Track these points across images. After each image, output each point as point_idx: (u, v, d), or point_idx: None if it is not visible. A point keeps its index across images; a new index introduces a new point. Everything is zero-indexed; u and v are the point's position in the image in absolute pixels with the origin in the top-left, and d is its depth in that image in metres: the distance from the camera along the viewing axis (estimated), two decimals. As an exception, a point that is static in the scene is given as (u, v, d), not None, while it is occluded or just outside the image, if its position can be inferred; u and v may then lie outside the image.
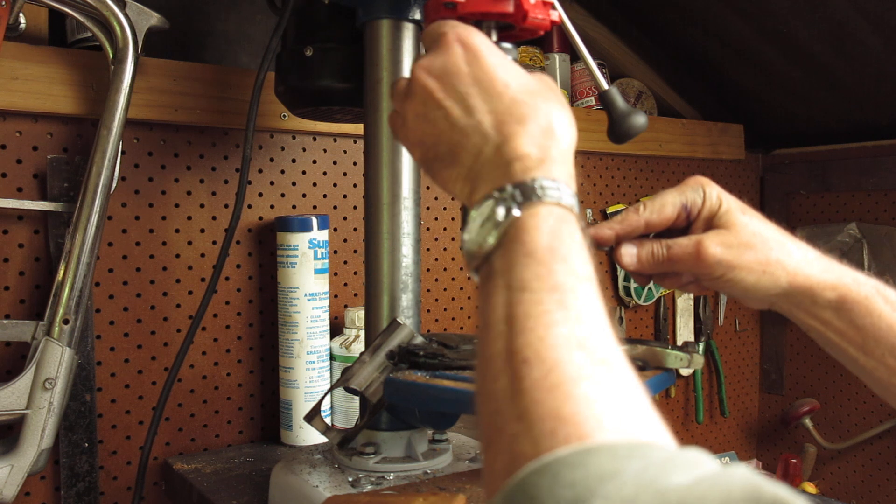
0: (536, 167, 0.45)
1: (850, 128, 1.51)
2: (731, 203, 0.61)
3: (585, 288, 0.40)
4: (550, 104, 0.49)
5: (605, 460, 0.30)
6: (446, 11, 0.58)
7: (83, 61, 0.90)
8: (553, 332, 0.37)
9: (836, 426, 1.60)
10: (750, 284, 0.60)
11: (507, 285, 0.41)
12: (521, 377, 0.36)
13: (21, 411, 0.80)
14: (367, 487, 0.72)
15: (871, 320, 0.57)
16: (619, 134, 0.64)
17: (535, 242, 0.41)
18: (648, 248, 0.62)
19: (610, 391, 0.35)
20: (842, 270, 0.60)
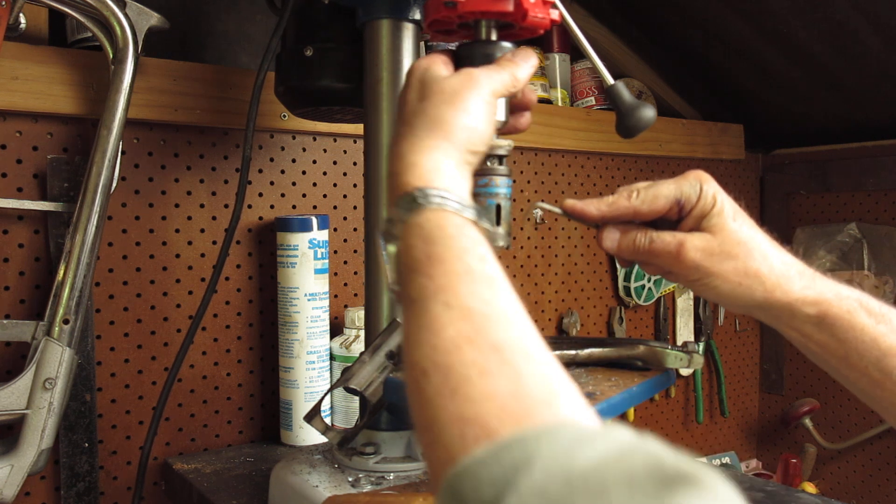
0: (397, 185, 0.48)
1: (850, 128, 1.51)
2: (724, 206, 0.60)
3: (465, 281, 0.41)
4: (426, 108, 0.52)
5: (517, 451, 0.31)
6: (446, 10, 0.58)
7: (83, 61, 0.90)
8: (441, 337, 0.38)
9: (836, 426, 1.60)
10: (724, 293, 0.59)
11: (405, 304, 0.43)
12: (423, 388, 0.37)
13: (21, 411, 0.80)
14: (367, 487, 0.72)
15: (854, 334, 0.57)
16: (628, 128, 0.63)
17: (413, 259, 0.43)
18: (632, 237, 0.61)
19: (506, 379, 0.36)
20: (824, 285, 0.59)
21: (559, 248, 1.39)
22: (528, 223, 1.35)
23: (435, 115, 0.51)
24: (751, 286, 0.58)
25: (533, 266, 1.36)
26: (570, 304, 1.41)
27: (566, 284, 1.41)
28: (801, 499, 0.84)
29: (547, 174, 1.36)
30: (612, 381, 0.69)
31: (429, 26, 0.61)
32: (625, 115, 0.63)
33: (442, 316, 0.39)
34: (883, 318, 0.57)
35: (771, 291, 0.58)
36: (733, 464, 1.66)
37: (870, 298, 0.58)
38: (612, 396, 0.65)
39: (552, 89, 1.36)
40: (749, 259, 0.58)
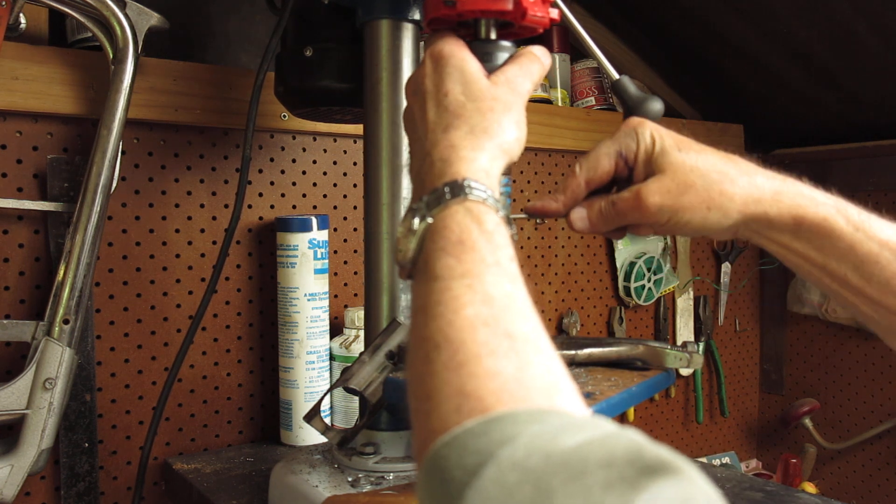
0: (447, 170, 0.49)
1: (850, 128, 1.51)
2: (665, 141, 0.59)
3: (494, 273, 0.43)
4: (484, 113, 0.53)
5: (507, 427, 0.32)
6: (446, 9, 0.58)
7: (83, 61, 0.90)
8: (460, 315, 0.40)
9: (836, 426, 1.60)
10: (698, 223, 0.58)
11: (425, 280, 0.44)
12: (432, 360, 0.39)
13: (21, 411, 0.80)
14: (367, 487, 0.72)
15: (831, 241, 0.56)
16: None
17: (445, 239, 0.45)
18: (596, 208, 0.61)
19: (512, 364, 0.37)
20: (798, 190, 0.58)
21: (559, 248, 1.39)
22: (528, 223, 1.35)
23: (493, 120, 0.52)
24: (721, 207, 0.57)
25: (533, 266, 1.36)
26: (570, 304, 1.41)
27: (566, 284, 1.41)
28: (801, 499, 0.84)
29: (547, 174, 1.36)
30: (612, 381, 0.69)
31: (428, 25, 0.61)
32: (633, 108, 0.63)
33: (463, 296, 0.41)
34: (860, 226, 0.56)
35: (743, 205, 0.57)
36: (733, 464, 1.66)
37: (848, 205, 0.57)
38: (611, 396, 0.65)
39: (552, 89, 1.36)
40: (709, 182, 0.57)
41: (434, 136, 0.52)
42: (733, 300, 1.68)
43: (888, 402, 1.53)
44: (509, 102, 0.54)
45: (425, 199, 0.48)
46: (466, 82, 0.54)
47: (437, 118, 0.53)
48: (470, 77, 0.54)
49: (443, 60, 0.55)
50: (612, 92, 0.65)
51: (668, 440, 1.58)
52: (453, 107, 0.53)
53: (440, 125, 0.53)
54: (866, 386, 1.55)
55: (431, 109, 0.54)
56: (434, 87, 0.55)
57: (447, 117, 0.53)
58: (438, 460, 0.33)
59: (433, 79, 0.55)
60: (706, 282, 1.63)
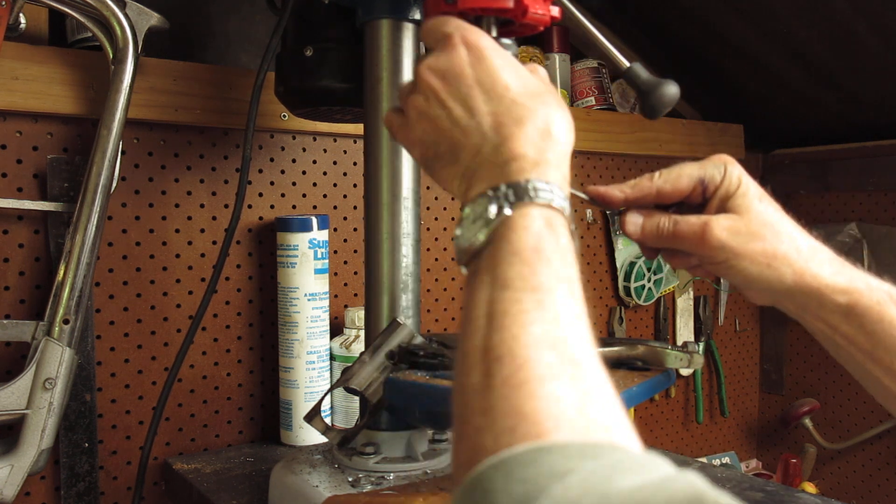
0: (531, 168, 0.46)
1: (850, 128, 1.51)
2: (749, 187, 0.58)
3: (565, 290, 0.41)
4: (549, 107, 0.50)
5: (558, 459, 0.30)
6: (446, 7, 0.58)
7: (83, 61, 0.90)
8: (527, 331, 0.38)
9: (836, 426, 1.60)
10: (753, 275, 0.57)
11: (491, 282, 0.42)
12: (492, 373, 0.37)
13: (21, 411, 0.80)
14: (367, 487, 0.72)
15: (883, 326, 0.55)
16: (652, 107, 0.61)
17: (522, 242, 0.42)
18: (655, 221, 0.60)
19: (575, 391, 0.35)
20: (854, 273, 0.57)
21: (559, 248, 1.39)
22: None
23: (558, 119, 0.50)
24: (779, 269, 0.56)
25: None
26: (570, 304, 1.41)
27: (566, 284, 1.40)
28: (801, 499, 0.84)
29: (579, 185, 1.36)
30: (612, 381, 0.69)
31: (428, 24, 0.61)
32: (647, 94, 0.61)
33: (533, 312, 0.39)
34: None
35: (800, 275, 0.56)
36: (733, 464, 1.66)
37: None
38: (612, 396, 0.64)
39: (552, 89, 1.36)
40: (777, 241, 0.57)
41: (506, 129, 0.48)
42: (733, 300, 1.68)
43: (888, 402, 1.52)
44: (559, 101, 0.52)
45: (503, 189, 0.45)
46: (521, 76, 0.51)
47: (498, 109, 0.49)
48: (522, 69, 0.52)
49: (485, 50, 0.52)
50: (625, 80, 0.64)
51: (668, 440, 1.58)
52: (522, 99, 0.50)
53: (510, 117, 0.49)
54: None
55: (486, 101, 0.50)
56: (486, 77, 0.51)
57: (517, 110, 0.49)
58: (484, 482, 0.31)
59: (480, 69, 0.51)
60: (706, 282, 1.63)
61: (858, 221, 1.53)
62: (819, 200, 1.60)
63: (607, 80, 1.43)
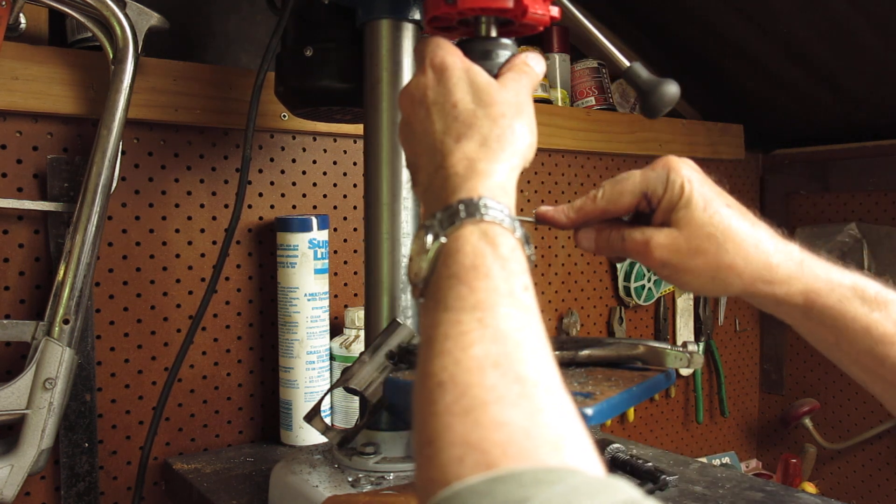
0: (462, 186, 0.47)
1: (850, 128, 1.51)
2: (692, 195, 0.56)
3: (507, 305, 0.40)
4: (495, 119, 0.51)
5: (513, 488, 0.30)
6: (446, 7, 0.58)
7: (83, 61, 0.90)
8: (468, 354, 0.37)
9: (836, 426, 1.60)
10: (697, 287, 0.57)
11: (434, 307, 0.42)
12: (435, 401, 0.36)
13: (21, 411, 0.80)
14: (367, 487, 0.72)
15: (844, 323, 0.54)
16: (652, 105, 0.61)
17: (458, 264, 0.43)
18: (605, 236, 0.60)
19: (522, 412, 0.35)
20: (812, 275, 0.55)
21: (559, 248, 1.39)
22: (528, 223, 1.34)
23: (506, 126, 0.50)
24: (725, 280, 0.55)
25: (533, 266, 1.35)
26: (570, 304, 1.41)
27: (566, 284, 1.41)
28: (801, 499, 0.84)
29: (547, 174, 1.36)
30: (612, 381, 0.69)
31: (428, 23, 0.61)
32: (647, 94, 0.61)
33: (474, 331, 0.39)
34: (879, 305, 0.54)
35: (750, 283, 0.55)
36: (733, 464, 1.66)
37: (867, 282, 0.55)
38: (611, 396, 0.64)
39: (552, 89, 1.36)
40: (721, 253, 0.55)
41: (446, 147, 0.50)
42: (733, 300, 1.68)
43: (888, 402, 1.52)
44: (520, 105, 0.52)
45: (438, 215, 0.46)
46: (476, 90, 0.52)
47: (445, 128, 0.51)
48: (478, 84, 0.53)
49: (447, 71, 0.53)
50: (625, 80, 0.63)
51: (668, 440, 1.58)
52: (464, 116, 0.51)
53: (451, 135, 0.50)
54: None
55: (438, 121, 0.52)
56: (440, 97, 0.52)
57: (458, 127, 0.51)
58: None
59: (437, 90, 0.53)
60: (706, 282, 1.63)
61: (858, 221, 1.53)
62: (819, 200, 1.60)
63: (607, 80, 1.43)
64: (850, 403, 1.58)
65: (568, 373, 0.71)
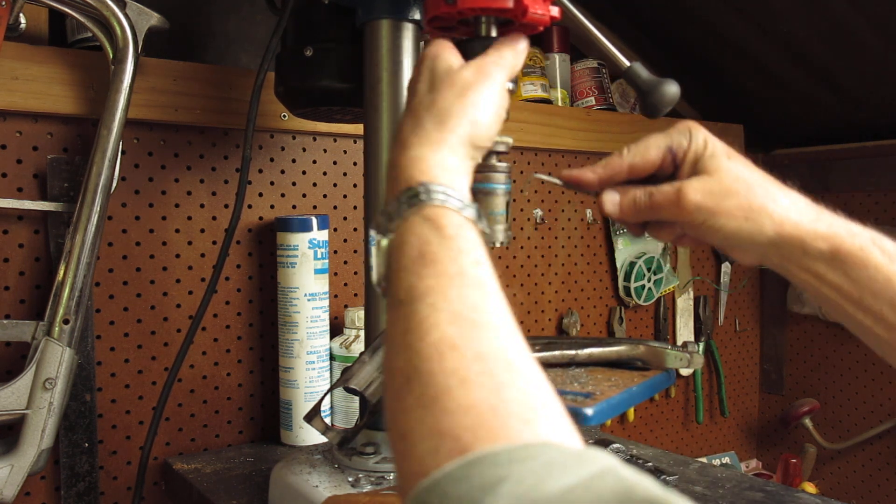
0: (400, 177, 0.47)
1: (850, 128, 1.51)
2: (716, 147, 0.58)
3: (459, 284, 0.40)
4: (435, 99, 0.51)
5: (488, 469, 0.30)
6: (446, 7, 0.58)
7: (83, 61, 0.90)
8: (426, 342, 0.38)
9: (836, 426, 1.60)
10: (732, 231, 0.56)
11: (391, 304, 0.42)
12: (403, 396, 0.36)
13: (21, 411, 0.80)
14: (367, 487, 0.72)
15: (868, 273, 0.53)
16: (652, 106, 0.61)
17: (406, 256, 0.42)
18: (631, 196, 0.60)
19: (486, 391, 0.35)
20: (834, 219, 0.56)
21: (559, 248, 1.39)
22: (528, 223, 1.35)
23: (444, 107, 0.50)
24: (758, 220, 0.55)
25: (533, 266, 1.36)
26: (570, 304, 1.41)
27: (566, 284, 1.41)
28: (801, 499, 0.84)
29: (547, 174, 1.36)
30: (612, 381, 0.69)
31: (428, 23, 0.61)
32: (648, 93, 0.61)
33: (428, 318, 0.38)
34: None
35: (780, 224, 0.55)
36: (733, 464, 1.66)
37: (882, 237, 0.55)
38: (611, 396, 0.64)
39: (552, 89, 1.36)
40: (751, 194, 0.56)
41: (394, 142, 0.51)
42: (733, 300, 1.68)
43: (888, 402, 1.53)
44: (468, 83, 0.52)
45: (386, 213, 0.46)
46: (433, 77, 0.53)
47: (399, 121, 0.52)
48: (437, 70, 0.53)
49: (420, 64, 0.55)
50: (625, 80, 0.64)
51: (668, 440, 1.58)
52: (415, 106, 0.52)
53: (399, 128, 0.51)
54: (866, 386, 1.55)
55: (407, 117, 0.53)
56: (409, 91, 0.55)
57: (406, 118, 0.52)
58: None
59: (417, 82, 0.54)
60: (706, 282, 1.63)
61: (858, 222, 1.52)
62: (819, 200, 1.60)
63: (607, 80, 1.43)
64: (850, 403, 1.58)
65: (568, 373, 0.71)
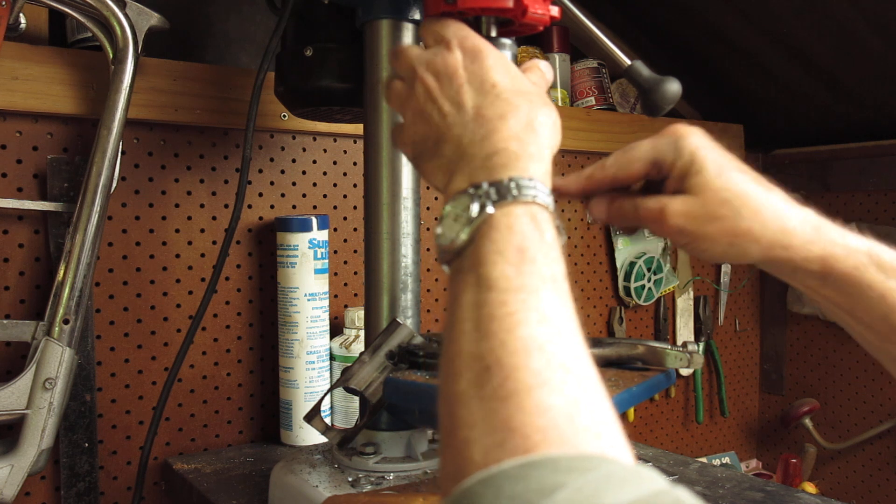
0: (513, 163, 0.46)
1: (850, 128, 1.51)
2: (705, 162, 0.55)
3: (550, 290, 0.40)
4: (534, 104, 0.51)
5: (547, 474, 0.30)
6: (446, 7, 0.58)
7: (83, 61, 0.90)
8: (514, 336, 0.37)
9: (836, 426, 1.60)
10: (717, 255, 0.55)
11: (476, 283, 0.41)
12: (481, 384, 0.36)
13: (21, 411, 0.80)
14: (367, 487, 0.72)
15: (860, 290, 0.54)
16: (654, 104, 0.61)
17: (506, 242, 0.42)
18: (618, 206, 0.59)
19: (565, 399, 0.35)
20: (829, 240, 0.55)
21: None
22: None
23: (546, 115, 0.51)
24: (743, 245, 0.54)
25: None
26: (570, 304, 1.41)
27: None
28: (801, 499, 0.84)
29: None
30: (612, 381, 0.69)
31: (429, 23, 0.61)
32: (649, 92, 0.61)
33: (518, 313, 0.38)
34: (894, 272, 0.54)
35: (768, 249, 0.54)
36: (733, 464, 1.66)
37: (882, 249, 0.55)
38: (612, 396, 0.64)
39: (552, 89, 1.36)
40: (738, 219, 0.54)
41: (489, 123, 0.49)
42: (733, 300, 1.68)
43: (888, 402, 1.53)
44: (546, 101, 0.53)
45: (485, 186, 0.44)
46: (512, 76, 0.52)
47: (485, 104, 0.50)
48: (514, 71, 0.53)
49: (482, 52, 0.53)
50: (626, 78, 0.64)
51: (668, 440, 1.58)
52: (506, 95, 0.50)
53: (494, 111, 0.49)
54: (866, 386, 1.55)
55: (475, 97, 0.51)
56: (476, 77, 0.52)
57: (501, 105, 0.50)
58: (471, 497, 0.31)
59: (472, 69, 0.52)
60: (706, 282, 1.63)
61: (858, 221, 1.53)
62: (819, 200, 1.60)
63: (607, 80, 1.43)
64: (850, 403, 1.58)
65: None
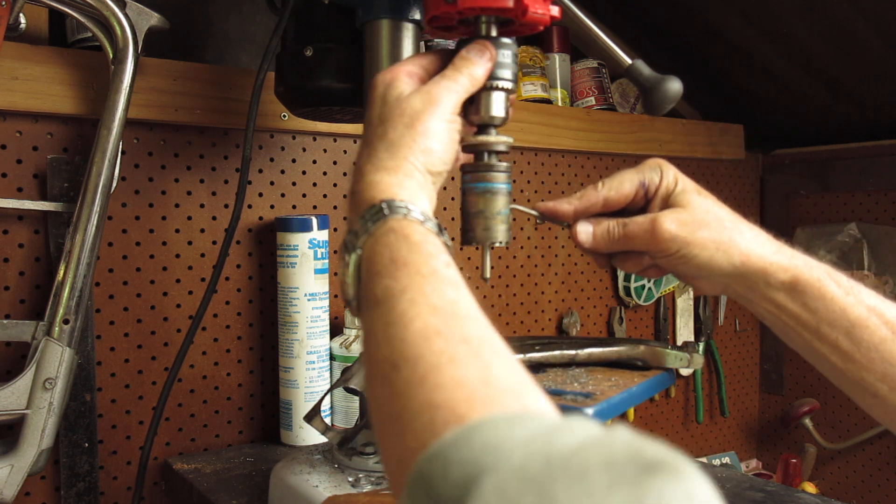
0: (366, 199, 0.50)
1: (850, 128, 1.51)
2: (686, 184, 0.62)
3: (432, 281, 0.43)
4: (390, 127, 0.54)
5: (488, 434, 0.31)
6: (446, 7, 0.58)
7: (83, 61, 0.90)
8: (410, 330, 0.39)
9: (836, 426, 1.60)
10: (704, 262, 0.60)
11: (368, 308, 0.44)
12: (392, 381, 0.38)
13: (21, 411, 0.80)
14: (367, 487, 0.72)
15: (825, 303, 0.58)
16: (655, 103, 0.62)
17: (378, 264, 0.45)
18: (604, 226, 0.63)
19: (476, 368, 0.36)
20: (793, 253, 0.60)
21: (559, 248, 1.39)
22: (528, 223, 1.35)
23: (395, 139, 0.53)
24: (728, 251, 0.59)
25: (533, 266, 1.36)
26: (570, 304, 1.41)
27: (566, 284, 1.41)
28: (801, 499, 0.84)
29: (547, 174, 1.36)
30: (612, 381, 0.69)
31: (428, 23, 0.61)
32: (650, 90, 0.62)
33: (409, 311, 0.41)
34: (850, 290, 0.58)
35: (747, 256, 0.59)
36: (733, 464, 1.66)
37: (835, 271, 0.59)
38: (612, 396, 0.65)
39: (552, 89, 1.36)
40: (721, 226, 0.60)
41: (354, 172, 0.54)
42: (733, 300, 1.68)
43: (888, 402, 1.52)
44: (417, 112, 0.54)
45: (352, 232, 0.49)
46: (384, 105, 0.55)
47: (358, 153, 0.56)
48: (387, 99, 0.56)
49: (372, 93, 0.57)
50: (627, 77, 0.64)
51: (668, 440, 1.58)
52: (368, 137, 0.55)
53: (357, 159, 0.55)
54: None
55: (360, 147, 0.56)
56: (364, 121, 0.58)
57: (362, 149, 0.55)
58: (422, 478, 0.31)
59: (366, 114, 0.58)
60: (706, 282, 1.63)
61: (858, 221, 1.53)
62: (819, 200, 1.60)
63: (607, 80, 1.43)
64: (850, 403, 1.58)
65: (568, 373, 0.71)
